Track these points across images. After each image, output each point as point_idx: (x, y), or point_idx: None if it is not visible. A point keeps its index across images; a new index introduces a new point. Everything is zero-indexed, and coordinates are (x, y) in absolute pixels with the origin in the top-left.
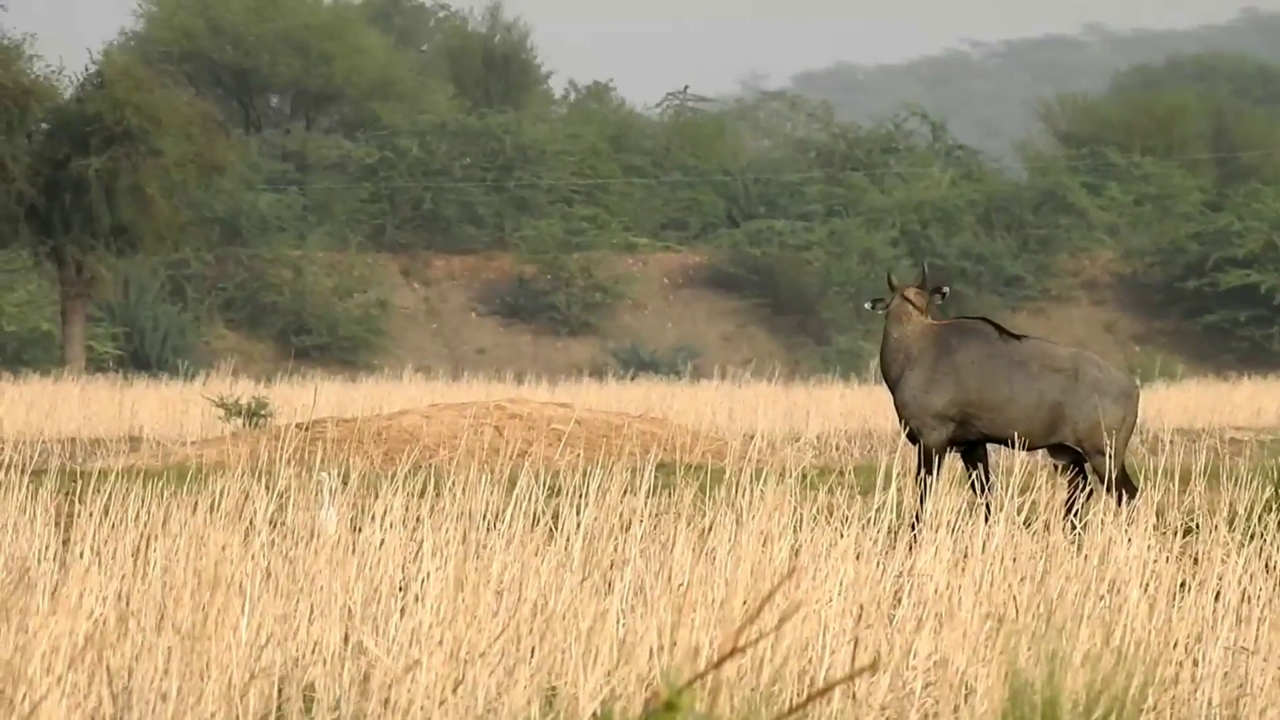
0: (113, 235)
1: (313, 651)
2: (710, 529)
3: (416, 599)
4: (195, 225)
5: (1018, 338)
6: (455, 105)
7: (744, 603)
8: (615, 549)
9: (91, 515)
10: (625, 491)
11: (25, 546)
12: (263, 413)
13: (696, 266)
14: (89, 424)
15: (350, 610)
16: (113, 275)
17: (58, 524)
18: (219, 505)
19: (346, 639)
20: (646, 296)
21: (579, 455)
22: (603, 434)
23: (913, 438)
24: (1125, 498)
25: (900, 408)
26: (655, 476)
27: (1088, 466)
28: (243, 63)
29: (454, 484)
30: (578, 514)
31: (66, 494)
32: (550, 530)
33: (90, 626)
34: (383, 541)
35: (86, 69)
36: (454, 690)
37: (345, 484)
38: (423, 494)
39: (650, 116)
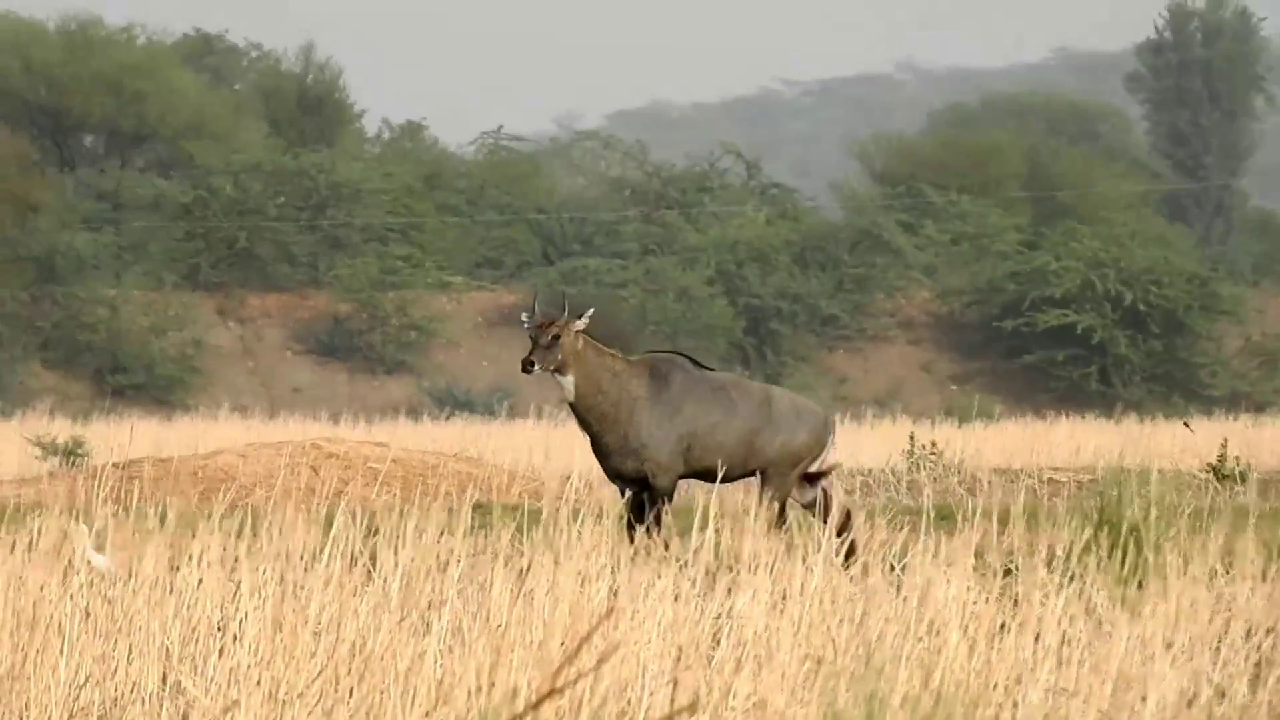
0: None
1: (131, 691)
2: (528, 569)
3: (235, 639)
4: (10, 264)
5: (711, 369)
6: (269, 144)
7: (562, 643)
8: (433, 589)
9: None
10: (442, 532)
11: None
12: (80, 451)
13: (512, 305)
14: None
15: (169, 650)
16: None
17: None
18: (37, 544)
19: (165, 679)
20: (461, 335)
21: (395, 495)
22: (419, 473)
23: (645, 481)
24: (840, 524)
25: (638, 446)
26: (472, 516)
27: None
28: (57, 102)
29: (271, 524)
30: (395, 554)
31: None
32: (368, 570)
33: None
34: (200, 581)
35: None
36: None
37: (163, 523)
38: (240, 534)
39: (464, 155)
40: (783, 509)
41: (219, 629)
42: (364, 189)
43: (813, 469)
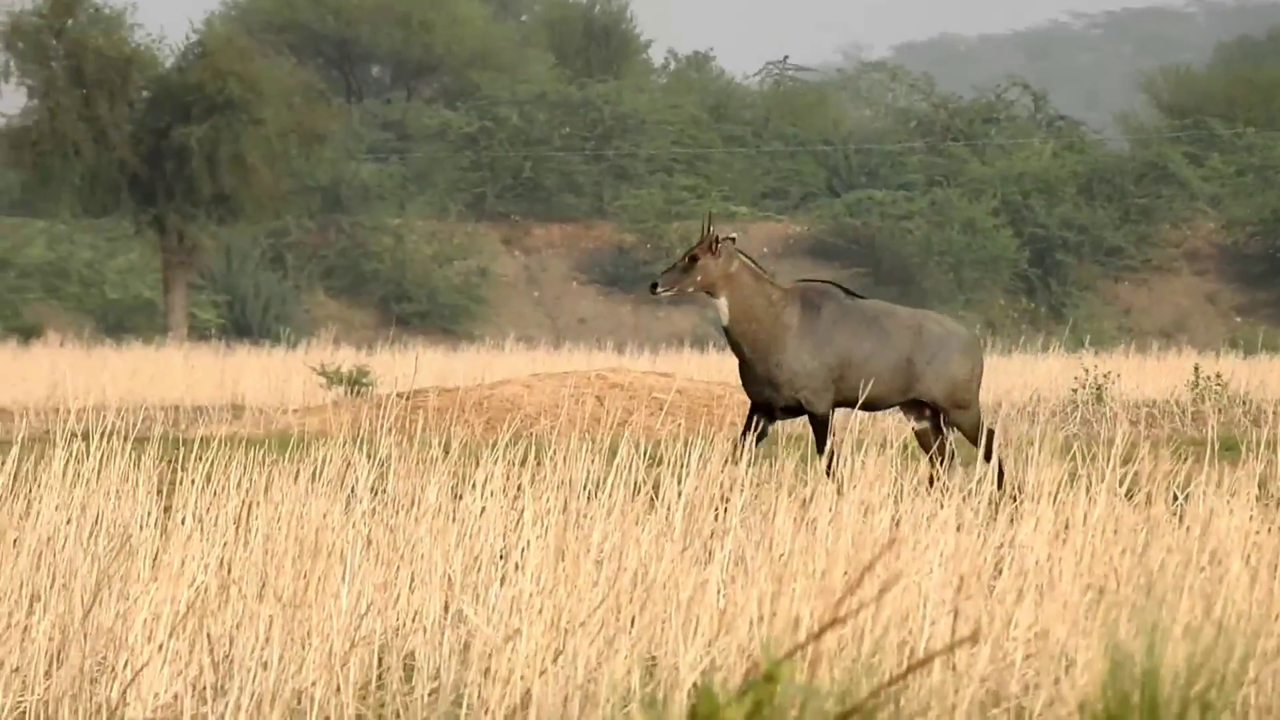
0: (214, 204)
1: (413, 620)
2: (811, 499)
3: (517, 568)
4: (296, 194)
5: (862, 297)
6: (555, 75)
7: (844, 573)
8: (716, 519)
9: (194, 483)
10: (726, 461)
11: (127, 514)
12: (364, 381)
13: (797, 236)
14: (191, 391)
15: (450, 579)
16: (214, 243)
17: (160, 491)
18: (321, 473)
19: (446, 608)
20: None
21: (680, 425)
22: (704, 404)
23: (797, 409)
24: (987, 444)
25: (790, 377)
26: (756, 446)
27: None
28: (343, 32)
29: (555, 453)
30: (679, 484)
31: (169, 461)
32: (651, 500)
33: (192, 594)
34: (483, 510)
35: (188, 38)
36: (554, 660)
37: (446, 453)
38: (523, 463)
39: (750, 86)
40: (987, 435)
41: (501, 557)
42: (649, 120)
43: (915, 396)
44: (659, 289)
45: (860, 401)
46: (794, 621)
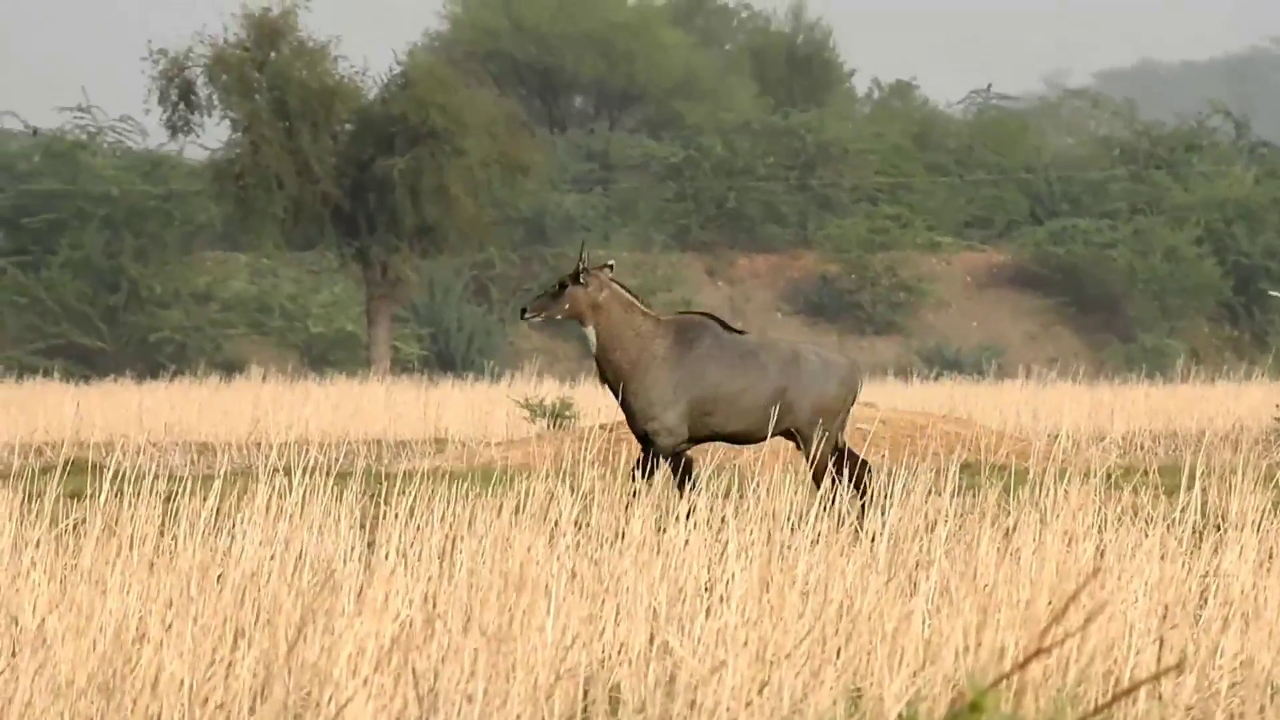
0: (417, 236)
1: (618, 652)
2: (1015, 529)
3: (721, 600)
4: (500, 225)
5: (741, 331)
6: (758, 104)
7: (1049, 603)
8: (920, 549)
9: (397, 517)
10: (930, 492)
11: (331, 548)
12: (567, 414)
13: (1000, 265)
14: (395, 425)
15: (655, 611)
16: (418, 276)
17: (363, 526)
18: (524, 507)
19: (652, 639)
20: (950, 295)
21: (884, 455)
22: (907, 434)
23: (646, 441)
24: (858, 475)
25: (644, 406)
26: (960, 477)
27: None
28: (546, 62)
29: (758, 484)
30: (883, 514)
31: (372, 496)
32: (855, 531)
33: (396, 628)
34: (687, 542)
35: (391, 69)
36: (759, 691)
37: (651, 485)
38: (727, 494)
39: (953, 114)
40: (854, 455)
41: (706, 589)
42: (853, 148)
43: (788, 426)
44: (527, 314)
45: (730, 435)
46: (999, 651)
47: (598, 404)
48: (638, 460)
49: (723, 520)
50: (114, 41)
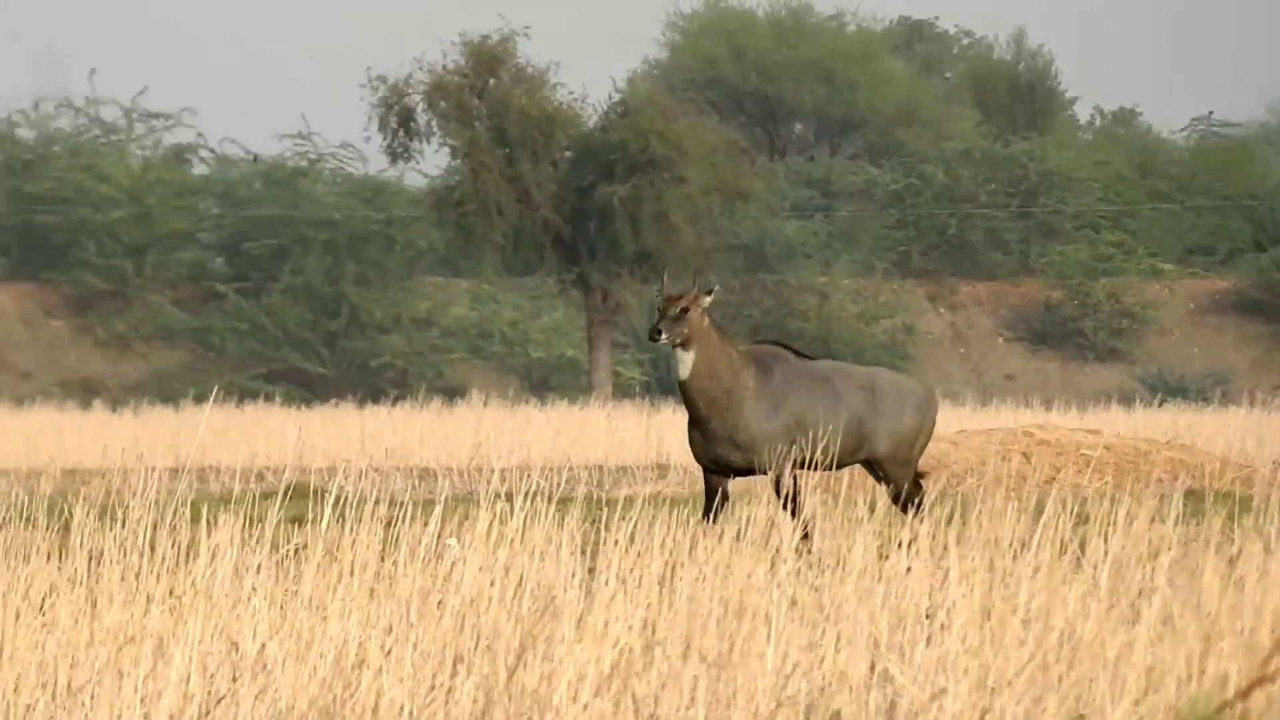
0: (637, 262)
1: (838, 680)
2: (1239, 556)
3: (942, 627)
4: (720, 252)
5: (811, 358)
6: (980, 132)
7: (1272, 631)
8: (1143, 577)
9: (618, 543)
10: (1153, 519)
11: (552, 574)
12: None
13: (1223, 291)
14: (615, 451)
15: (876, 639)
16: (638, 302)
17: (584, 552)
18: (745, 533)
19: (872, 667)
20: (1174, 322)
21: (1107, 482)
22: (1131, 460)
23: (749, 471)
24: (914, 505)
25: (749, 439)
26: (1184, 504)
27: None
28: (767, 90)
29: (980, 511)
30: (1105, 541)
31: (593, 521)
32: (1077, 558)
33: (616, 655)
34: (909, 569)
35: (610, 97)
36: (981, 719)
37: (872, 512)
38: (949, 521)
39: (1176, 141)
40: (910, 496)
41: (927, 617)
42: (1075, 176)
43: (866, 455)
44: (663, 337)
45: (812, 463)
46: (1222, 679)
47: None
48: (708, 492)
49: (944, 547)
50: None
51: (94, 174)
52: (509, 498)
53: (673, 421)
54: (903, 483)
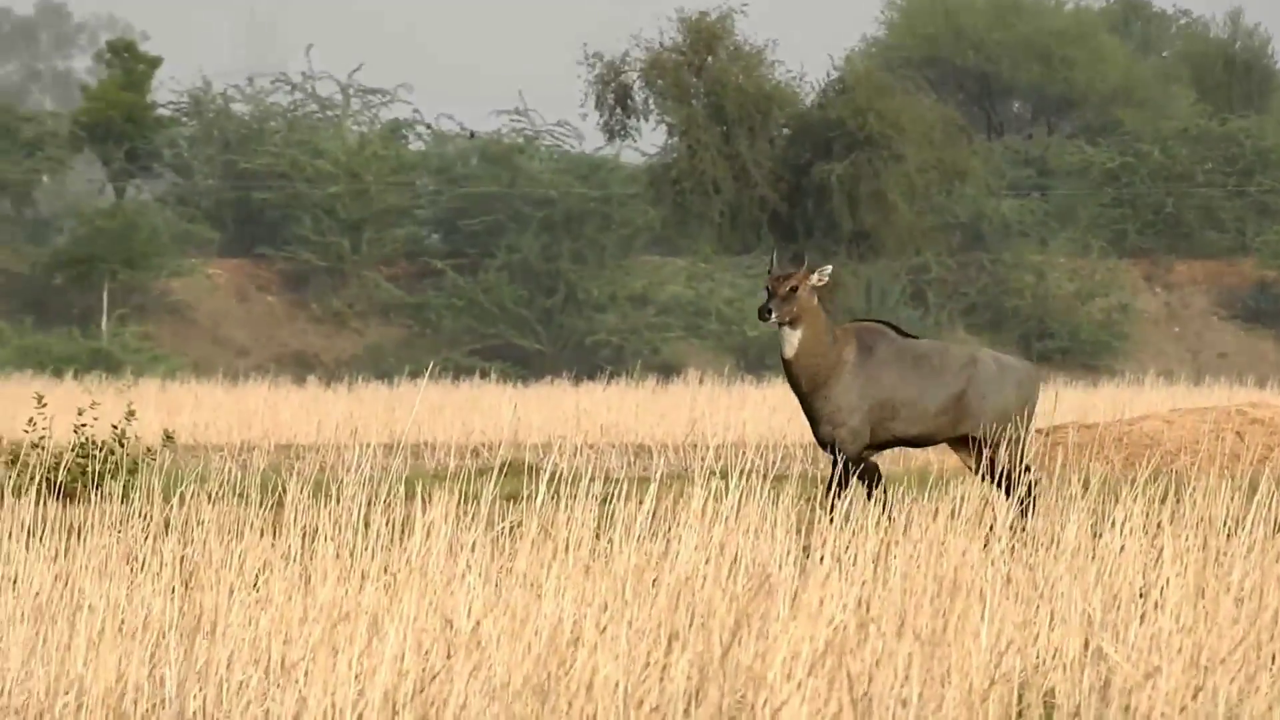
0: (854, 240)
1: (1053, 658)
2: None
3: (1156, 606)
4: (937, 230)
5: (915, 337)
6: (1196, 110)
7: None
8: None
9: (832, 521)
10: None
11: (766, 552)
12: None
13: None
14: None
15: (1090, 616)
16: (854, 280)
17: (799, 530)
18: (959, 511)
19: (1086, 645)
20: None
21: None
22: None
23: (829, 446)
24: (1025, 489)
25: (832, 411)
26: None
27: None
28: (984, 68)
29: (1194, 490)
30: None
31: (807, 500)
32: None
33: (830, 633)
34: (1123, 548)
35: (828, 75)
36: (1194, 697)
37: (1086, 490)
38: (1163, 500)
39: None
40: (1014, 481)
41: (1140, 595)
42: None
43: (966, 432)
44: (773, 317)
45: (906, 438)
46: None
47: (1042, 407)
48: (833, 476)
49: (1158, 526)
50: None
51: (310, 150)
52: (724, 475)
53: None
54: (1007, 464)
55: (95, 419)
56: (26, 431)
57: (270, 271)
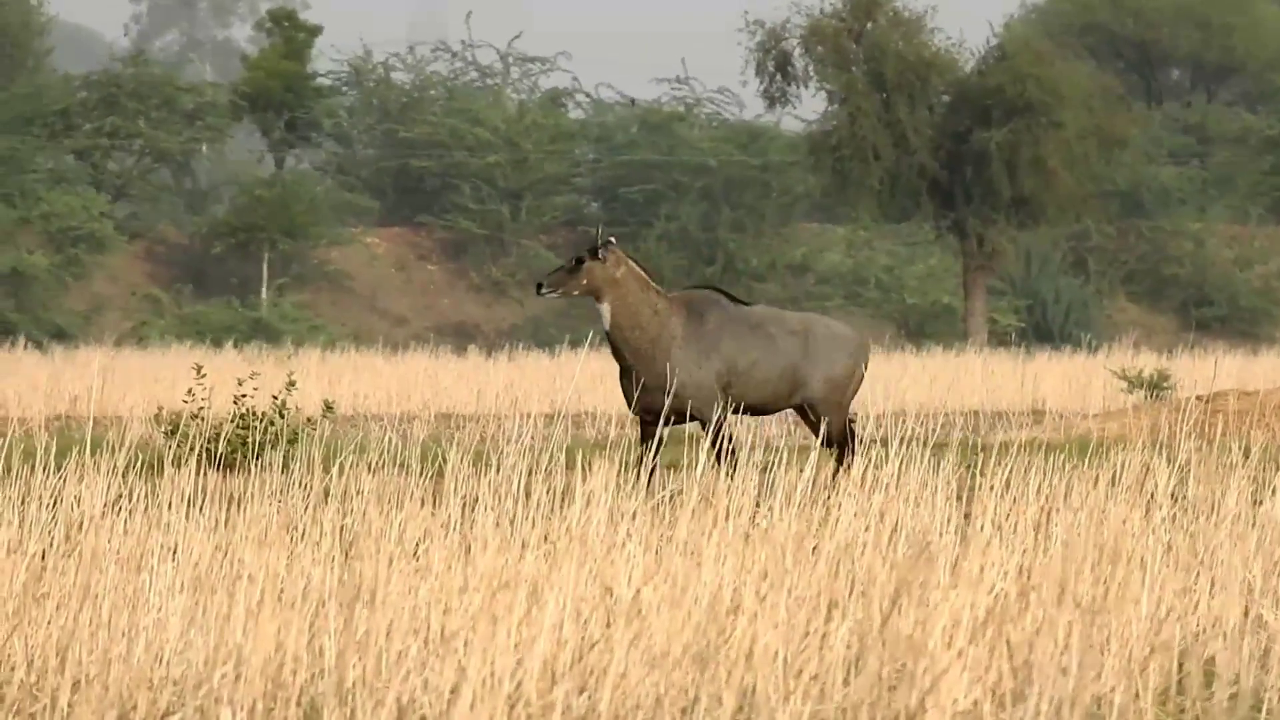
0: (1014, 208)
1: (1213, 626)
2: None
3: None
4: (1096, 198)
5: (747, 304)
6: None
7: None
8: None
9: (993, 488)
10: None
11: (927, 519)
12: (1164, 385)
13: None
14: (991, 397)
15: (1250, 584)
16: (1013, 248)
17: (959, 497)
18: (1120, 479)
19: (1246, 613)
20: None
21: None
22: None
23: (683, 416)
24: (847, 452)
25: (679, 385)
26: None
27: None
28: (1143, 35)
29: None
30: None
31: (968, 467)
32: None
33: (990, 600)
34: None
35: (987, 42)
36: None
37: (1246, 457)
38: None
39: None
40: (846, 438)
41: None
42: None
43: (801, 400)
44: (543, 289)
45: (745, 407)
46: None
47: (1194, 375)
48: (640, 440)
49: None
50: (711, 13)
51: (469, 118)
52: (884, 443)
53: (1048, 368)
54: (836, 426)
55: (255, 389)
56: (186, 402)
57: (430, 241)
